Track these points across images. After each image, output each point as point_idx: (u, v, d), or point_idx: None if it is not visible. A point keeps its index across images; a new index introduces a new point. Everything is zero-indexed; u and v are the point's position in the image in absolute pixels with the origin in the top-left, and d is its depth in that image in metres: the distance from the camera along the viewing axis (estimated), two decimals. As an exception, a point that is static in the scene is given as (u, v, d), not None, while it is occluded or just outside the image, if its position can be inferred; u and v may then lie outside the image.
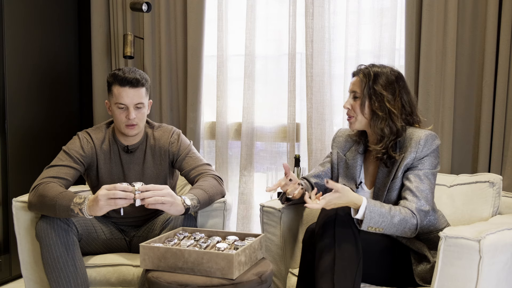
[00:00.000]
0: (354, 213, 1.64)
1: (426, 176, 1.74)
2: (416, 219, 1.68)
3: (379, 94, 1.77)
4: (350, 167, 1.94)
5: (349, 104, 1.84)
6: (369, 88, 1.78)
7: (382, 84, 1.78)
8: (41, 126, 3.00)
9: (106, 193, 1.72)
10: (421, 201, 1.70)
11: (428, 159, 1.76)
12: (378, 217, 1.63)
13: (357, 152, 1.94)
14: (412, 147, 1.75)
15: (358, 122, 1.84)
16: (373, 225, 1.63)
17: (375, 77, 1.79)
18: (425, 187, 1.73)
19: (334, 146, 2.04)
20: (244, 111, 2.83)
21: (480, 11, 2.36)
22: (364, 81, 1.80)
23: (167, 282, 1.59)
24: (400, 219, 1.65)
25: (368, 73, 1.80)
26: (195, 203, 1.89)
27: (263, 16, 2.84)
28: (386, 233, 1.67)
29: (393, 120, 1.77)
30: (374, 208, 1.63)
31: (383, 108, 1.77)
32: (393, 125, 1.78)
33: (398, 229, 1.66)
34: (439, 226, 1.83)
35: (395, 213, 1.66)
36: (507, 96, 2.30)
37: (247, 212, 2.86)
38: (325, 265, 1.62)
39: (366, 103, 1.80)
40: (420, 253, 1.79)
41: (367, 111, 1.81)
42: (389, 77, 1.79)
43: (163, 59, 2.97)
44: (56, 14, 3.11)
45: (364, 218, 1.62)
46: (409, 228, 1.67)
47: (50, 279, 1.88)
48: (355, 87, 1.84)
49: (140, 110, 2.07)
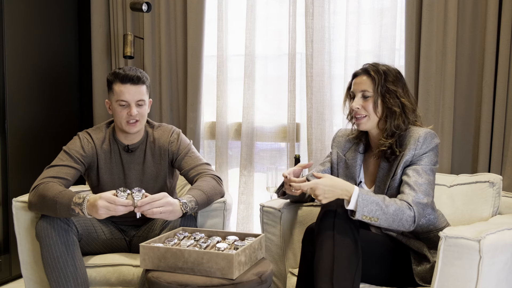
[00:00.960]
0: (347, 204, 1.63)
1: (424, 171, 1.73)
2: (413, 211, 1.65)
3: (392, 91, 1.78)
4: (350, 167, 1.94)
5: (358, 104, 1.82)
6: (382, 86, 1.78)
7: (392, 80, 1.80)
8: (41, 126, 3.00)
9: (106, 205, 1.74)
10: (418, 194, 1.69)
11: (427, 156, 1.76)
12: (371, 205, 1.61)
13: (357, 151, 1.94)
14: (411, 144, 1.75)
15: (371, 122, 1.83)
16: (367, 213, 1.60)
17: (385, 75, 1.79)
18: (423, 181, 1.71)
19: (334, 146, 2.04)
20: (244, 111, 2.83)
21: (480, 11, 2.36)
22: (375, 80, 1.79)
23: (167, 282, 1.60)
24: (395, 209, 1.63)
25: (377, 71, 1.80)
26: (193, 205, 1.89)
27: (263, 16, 2.84)
28: (383, 225, 1.63)
29: (406, 114, 1.79)
30: (367, 197, 1.62)
31: (397, 104, 1.78)
32: (405, 119, 1.79)
33: (394, 220, 1.63)
34: (439, 226, 1.83)
35: (390, 203, 1.64)
36: (507, 96, 2.30)
37: (247, 212, 2.86)
38: (324, 265, 1.62)
39: (379, 101, 1.79)
40: (420, 253, 1.79)
41: (380, 109, 1.80)
42: (396, 73, 1.82)
43: (163, 59, 2.97)
44: (56, 14, 3.11)
45: (357, 206, 1.60)
46: (406, 220, 1.64)
47: (50, 279, 1.88)
48: (364, 86, 1.81)
49: (141, 107, 2.08)
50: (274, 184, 2.34)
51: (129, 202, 1.76)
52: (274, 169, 2.35)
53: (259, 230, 2.22)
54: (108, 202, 1.74)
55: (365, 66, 1.85)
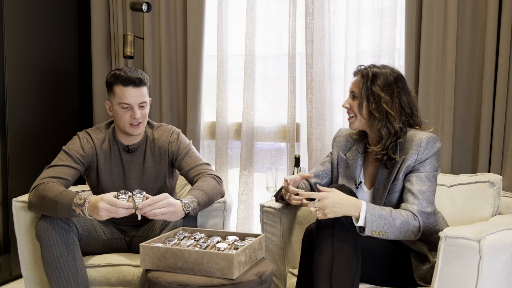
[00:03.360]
0: (356, 221, 1.63)
1: (428, 178, 1.74)
2: (418, 221, 1.67)
3: (376, 95, 1.77)
4: (350, 167, 1.93)
5: (347, 103, 1.86)
6: (367, 89, 1.79)
7: (380, 85, 1.78)
8: (41, 126, 3.00)
9: (107, 207, 1.74)
10: (422, 203, 1.70)
11: (429, 161, 1.76)
12: (379, 219, 1.61)
13: (358, 152, 1.94)
14: (414, 149, 1.75)
15: (358, 122, 1.85)
16: (376, 228, 1.61)
17: (373, 78, 1.79)
18: (427, 189, 1.72)
19: (334, 146, 2.03)
20: (244, 111, 2.83)
21: (480, 11, 2.36)
22: (362, 81, 1.80)
23: (167, 282, 1.60)
24: (402, 221, 1.64)
25: (366, 73, 1.80)
26: (195, 206, 1.89)
27: (263, 16, 2.84)
28: (390, 237, 1.64)
29: (390, 122, 1.77)
30: (375, 211, 1.62)
31: (380, 109, 1.77)
32: (390, 127, 1.77)
33: (401, 232, 1.65)
34: (439, 229, 1.82)
35: (396, 216, 1.65)
36: (507, 96, 2.30)
37: (247, 212, 2.86)
38: (323, 265, 1.61)
39: (364, 103, 1.80)
40: (421, 253, 1.78)
41: (365, 112, 1.81)
42: (388, 78, 1.79)
43: (163, 59, 2.97)
44: (56, 14, 3.11)
45: (366, 223, 1.61)
46: (412, 231, 1.66)
47: (50, 279, 1.88)
48: (354, 87, 1.85)
49: (144, 109, 2.08)
50: (274, 184, 2.34)
51: (130, 205, 1.76)
52: (274, 169, 2.35)
53: (259, 230, 2.22)
54: (109, 204, 1.74)
55: (360, 67, 1.86)
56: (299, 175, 1.91)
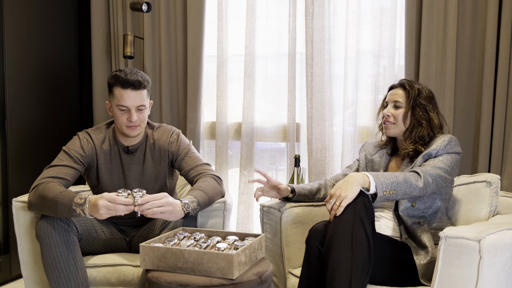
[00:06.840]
0: (367, 189, 1.73)
1: (440, 168, 1.84)
2: (418, 173, 1.78)
3: (423, 105, 1.97)
4: (376, 164, 2.09)
5: (389, 112, 2.01)
6: (414, 100, 1.97)
7: (424, 97, 1.99)
8: (41, 126, 3.00)
9: (106, 204, 1.74)
10: (426, 167, 1.82)
11: (447, 157, 1.88)
12: (384, 178, 1.73)
13: (385, 153, 2.10)
14: (437, 143, 1.90)
15: (397, 129, 2.00)
16: (386, 187, 1.72)
17: (419, 91, 1.99)
18: (436, 172, 1.82)
19: (362, 151, 2.19)
20: (244, 111, 2.83)
21: (480, 11, 2.36)
22: (411, 93, 1.98)
23: (167, 282, 1.60)
24: (404, 177, 1.76)
25: (412, 87, 1.99)
26: (195, 206, 1.89)
27: (263, 16, 2.84)
28: (399, 195, 1.73)
29: (432, 128, 1.97)
30: (377, 173, 1.76)
31: (425, 117, 1.96)
32: (430, 132, 1.97)
33: (406, 185, 1.74)
34: (444, 226, 1.88)
35: (395, 174, 1.78)
36: (507, 96, 2.30)
37: (247, 212, 2.86)
38: (342, 274, 1.61)
39: (409, 113, 1.97)
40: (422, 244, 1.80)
41: (409, 120, 1.98)
42: (429, 92, 2.01)
43: (163, 59, 2.97)
44: (56, 14, 3.11)
45: (376, 184, 1.72)
46: (415, 181, 1.76)
47: (50, 279, 1.88)
48: (398, 97, 2.00)
49: (142, 112, 2.07)
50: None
51: (129, 200, 1.76)
52: (274, 169, 2.36)
53: (259, 230, 2.22)
54: (108, 201, 1.74)
55: (402, 81, 2.03)
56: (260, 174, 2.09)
